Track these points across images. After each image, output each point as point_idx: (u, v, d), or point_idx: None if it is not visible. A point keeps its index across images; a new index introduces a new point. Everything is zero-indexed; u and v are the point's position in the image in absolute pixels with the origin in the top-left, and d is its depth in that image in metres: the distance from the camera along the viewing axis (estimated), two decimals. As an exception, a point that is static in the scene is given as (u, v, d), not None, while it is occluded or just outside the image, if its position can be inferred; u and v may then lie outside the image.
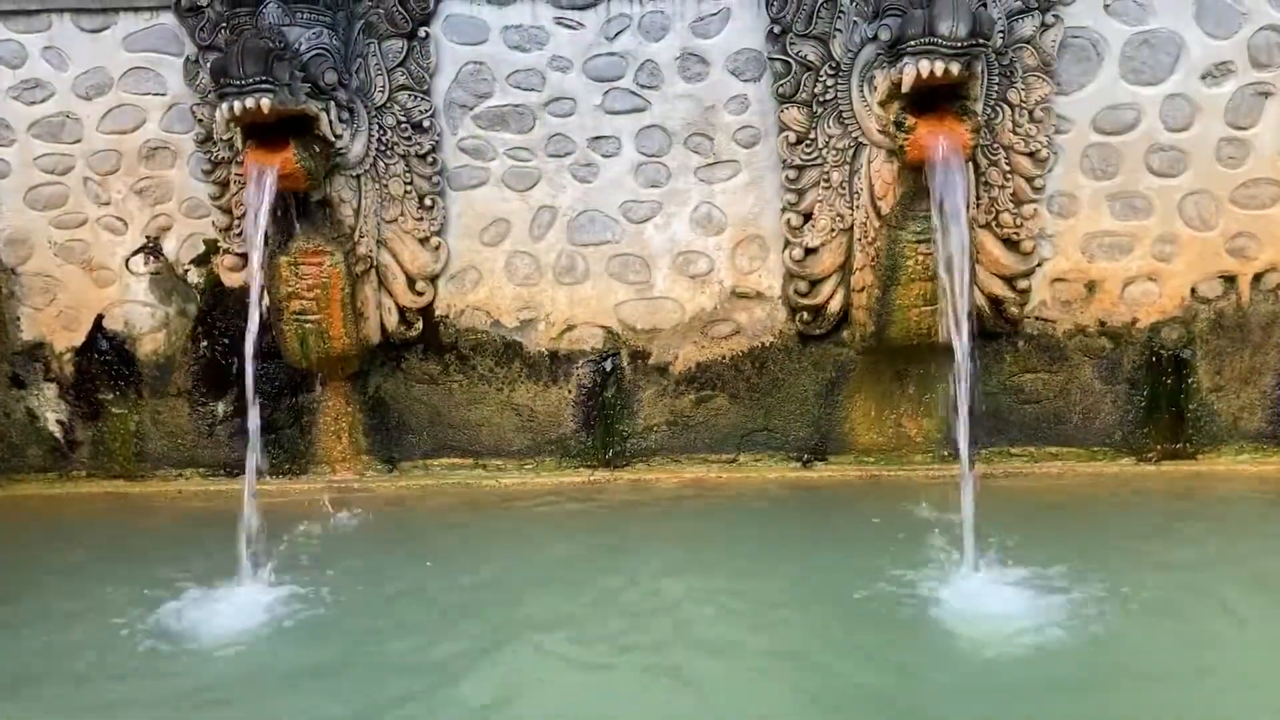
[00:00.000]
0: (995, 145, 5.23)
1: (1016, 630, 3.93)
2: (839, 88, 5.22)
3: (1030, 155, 5.27)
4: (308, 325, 5.33)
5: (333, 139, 5.14)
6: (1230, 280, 5.48)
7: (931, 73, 4.56)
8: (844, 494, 5.47)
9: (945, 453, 5.62)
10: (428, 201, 5.52)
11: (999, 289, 5.41)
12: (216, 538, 4.85)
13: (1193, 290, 5.49)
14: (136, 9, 5.51)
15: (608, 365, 5.75)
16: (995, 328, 5.51)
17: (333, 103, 5.10)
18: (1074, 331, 5.55)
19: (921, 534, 4.78)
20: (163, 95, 5.58)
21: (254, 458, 4.89)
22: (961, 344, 4.73)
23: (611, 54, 5.46)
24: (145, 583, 4.64)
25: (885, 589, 4.32)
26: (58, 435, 5.93)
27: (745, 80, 5.44)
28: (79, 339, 5.83)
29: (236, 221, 5.49)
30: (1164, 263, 5.47)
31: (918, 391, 5.62)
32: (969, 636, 3.92)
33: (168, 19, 5.47)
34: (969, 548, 4.38)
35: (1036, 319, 5.54)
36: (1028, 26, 5.16)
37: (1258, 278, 5.47)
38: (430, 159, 5.48)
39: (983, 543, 4.42)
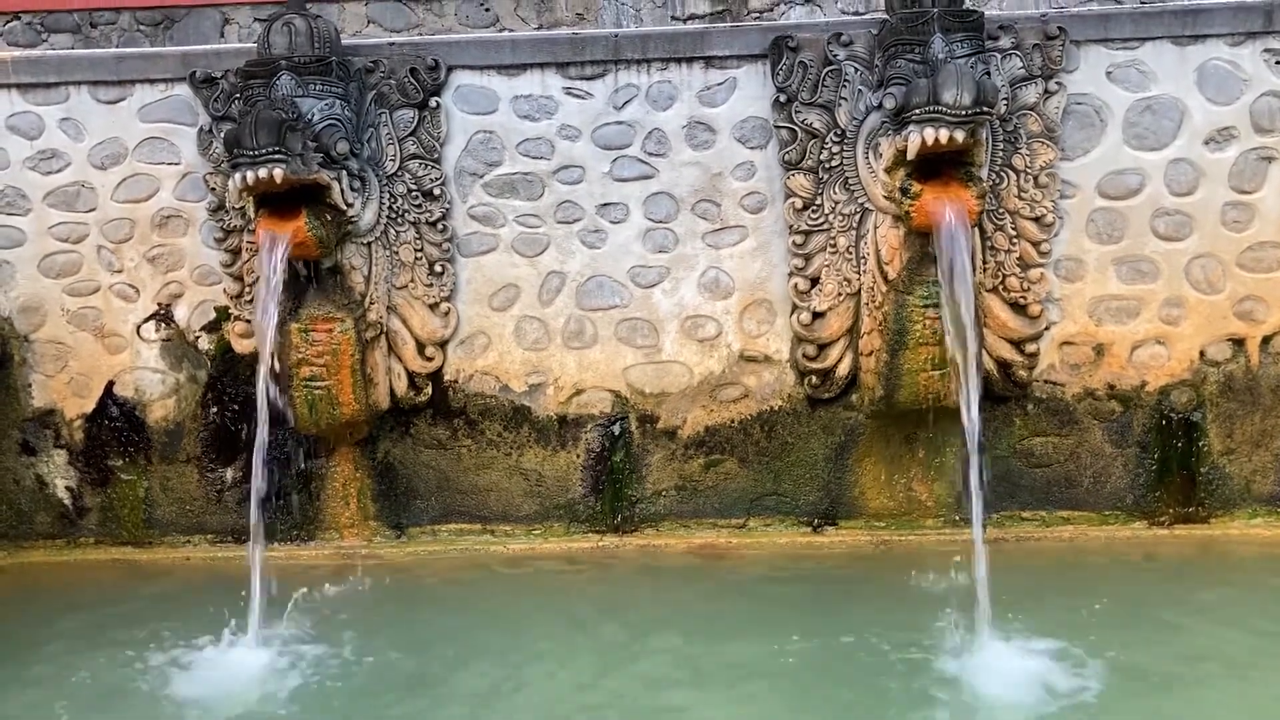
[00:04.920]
0: (1001, 210, 5.27)
1: (1035, 711, 3.87)
2: (844, 154, 5.27)
3: (1036, 220, 5.30)
4: (317, 391, 5.33)
5: (344, 207, 5.18)
6: (1239, 343, 5.48)
7: (937, 140, 4.61)
8: (855, 560, 5.43)
9: (956, 517, 5.59)
10: (438, 268, 5.55)
11: (1007, 353, 5.41)
12: (223, 604, 4.83)
13: (1201, 353, 5.50)
14: (152, 80, 5.60)
15: (616, 429, 5.74)
16: (1004, 391, 5.50)
17: (344, 172, 5.16)
18: (1083, 395, 5.54)
19: (934, 604, 4.73)
20: (176, 164, 5.64)
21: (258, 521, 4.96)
22: (971, 409, 4.73)
23: (620, 123, 5.53)
24: (150, 651, 4.64)
25: (899, 664, 4.27)
26: (66, 502, 5.91)
27: (752, 147, 5.50)
28: (89, 406, 5.83)
29: (248, 288, 5.52)
30: (1172, 326, 5.48)
31: (928, 455, 5.60)
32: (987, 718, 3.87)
33: (182, 90, 5.56)
34: (983, 620, 4.34)
35: (1045, 382, 5.54)
36: (1031, 93, 5.22)
37: (1266, 340, 5.47)
38: (440, 226, 5.52)
39: (997, 613, 4.38)
